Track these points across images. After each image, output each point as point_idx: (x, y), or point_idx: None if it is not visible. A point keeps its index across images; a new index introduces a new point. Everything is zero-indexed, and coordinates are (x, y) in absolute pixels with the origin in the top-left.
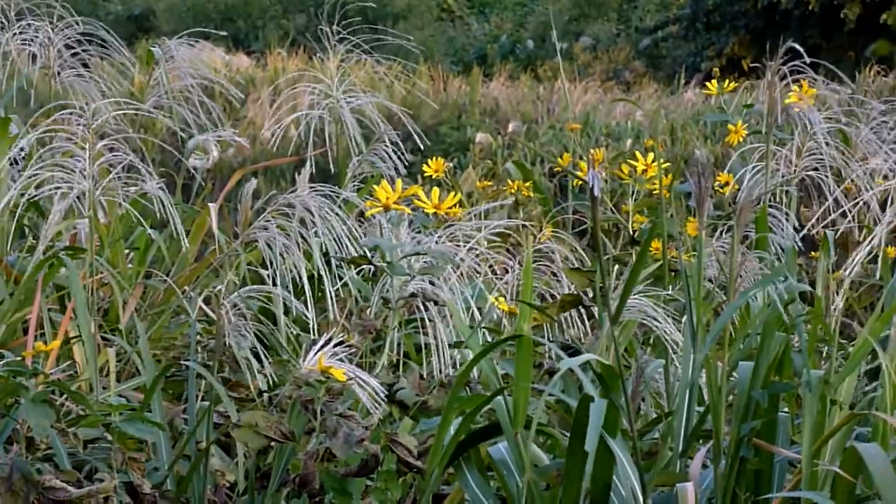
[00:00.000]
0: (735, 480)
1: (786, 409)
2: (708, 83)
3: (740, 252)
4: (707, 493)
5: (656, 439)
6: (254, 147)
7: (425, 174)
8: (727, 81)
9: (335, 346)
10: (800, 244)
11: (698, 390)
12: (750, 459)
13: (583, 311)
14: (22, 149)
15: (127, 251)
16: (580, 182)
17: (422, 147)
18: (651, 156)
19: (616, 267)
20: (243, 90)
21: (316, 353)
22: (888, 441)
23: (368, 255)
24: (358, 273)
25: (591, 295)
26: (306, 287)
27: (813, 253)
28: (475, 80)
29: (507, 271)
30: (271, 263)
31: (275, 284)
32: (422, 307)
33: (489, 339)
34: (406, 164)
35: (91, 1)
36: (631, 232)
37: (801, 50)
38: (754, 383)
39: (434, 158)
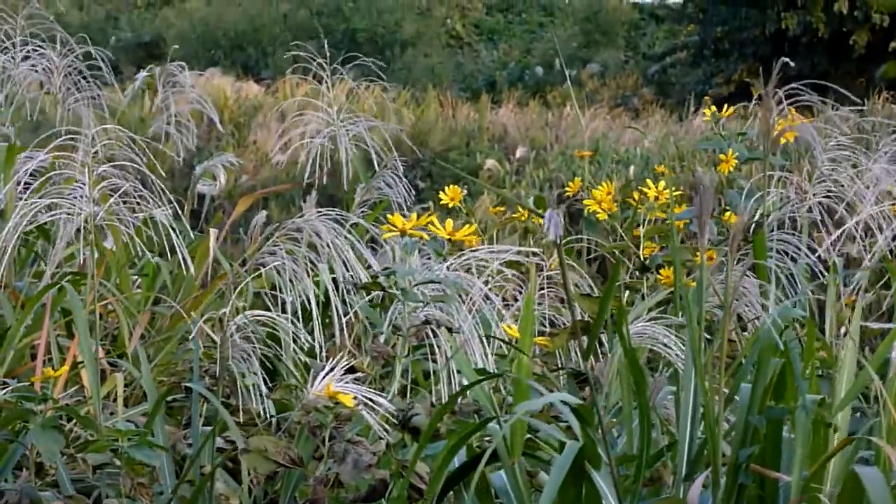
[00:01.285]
0: None
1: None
2: (705, 111)
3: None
4: None
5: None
6: (262, 173)
7: (440, 202)
8: (726, 107)
9: (344, 372)
10: (824, 272)
11: (701, 415)
12: (748, 486)
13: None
14: (34, 174)
15: (136, 277)
16: (592, 209)
17: (432, 173)
18: (662, 183)
19: (627, 294)
20: (252, 116)
21: (324, 379)
22: (889, 467)
23: (381, 281)
24: (370, 301)
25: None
26: (314, 313)
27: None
28: (483, 106)
29: (516, 299)
30: (280, 289)
31: (283, 310)
32: (430, 333)
33: (494, 365)
34: (415, 190)
35: (100, 28)
36: (641, 259)
37: (798, 70)
38: (751, 408)
39: (445, 184)
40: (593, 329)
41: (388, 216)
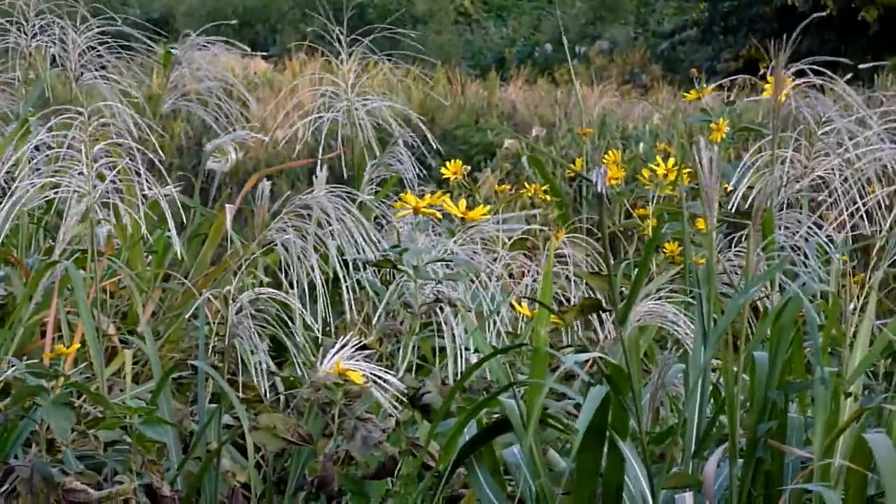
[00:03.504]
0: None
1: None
2: (691, 91)
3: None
4: (721, 492)
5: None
6: (269, 149)
7: (443, 177)
8: (706, 86)
9: (354, 349)
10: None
11: (709, 391)
12: (766, 460)
13: (602, 315)
14: (37, 148)
15: (146, 253)
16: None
17: (441, 151)
18: (672, 160)
19: (636, 271)
20: (261, 93)
21: (334, 356)
22: None
23: (391, 257)
24: (380, 277)
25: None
26: (318, 289)
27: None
28: (492, 83)
29: (523, 274)
30: (288, 265)
31: (292, 287)
32: (439, 311)
33: (506, 342)
34: (426, 167)
35: (109, 5)
36: (650, 235)
37: (807, 48)
38: (769, 383)
39: (453, 162)
40: (629, 299)
41: (402, 194)
